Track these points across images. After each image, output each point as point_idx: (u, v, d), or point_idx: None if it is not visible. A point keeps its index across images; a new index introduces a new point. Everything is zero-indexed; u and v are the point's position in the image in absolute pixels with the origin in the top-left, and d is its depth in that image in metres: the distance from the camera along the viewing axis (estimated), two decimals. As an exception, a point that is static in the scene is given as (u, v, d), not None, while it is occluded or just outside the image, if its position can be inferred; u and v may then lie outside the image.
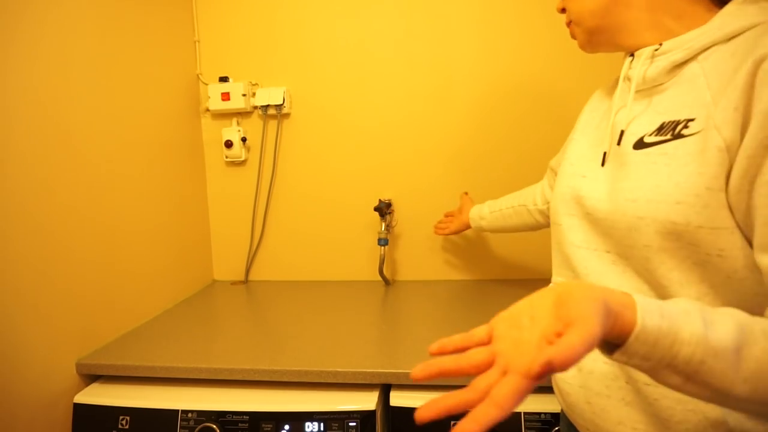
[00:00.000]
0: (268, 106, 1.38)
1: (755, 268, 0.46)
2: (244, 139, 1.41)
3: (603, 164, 0.58)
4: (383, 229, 1.33)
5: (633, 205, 0.51)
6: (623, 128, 0.56)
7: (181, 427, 0.84)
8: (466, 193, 1.25)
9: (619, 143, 0.56)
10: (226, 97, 1.37)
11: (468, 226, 1.18)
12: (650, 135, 0.52)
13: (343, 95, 1.38)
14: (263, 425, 0.82)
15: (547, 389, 0.82)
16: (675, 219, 0.48)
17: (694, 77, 0.51)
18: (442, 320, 1.08)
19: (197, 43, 1.41)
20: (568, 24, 0.65)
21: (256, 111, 1.41)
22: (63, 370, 0.90)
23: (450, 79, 1.34)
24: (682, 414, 0.50)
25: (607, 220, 0.55)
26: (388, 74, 1.36)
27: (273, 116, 1.41)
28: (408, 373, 0.85)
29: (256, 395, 0.86)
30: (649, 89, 0.56)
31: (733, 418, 0.48)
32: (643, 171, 0.52)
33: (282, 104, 1.37)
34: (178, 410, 0.85)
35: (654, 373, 0.40)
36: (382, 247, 1.33)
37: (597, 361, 0.57)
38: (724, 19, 0.50)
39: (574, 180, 0.62)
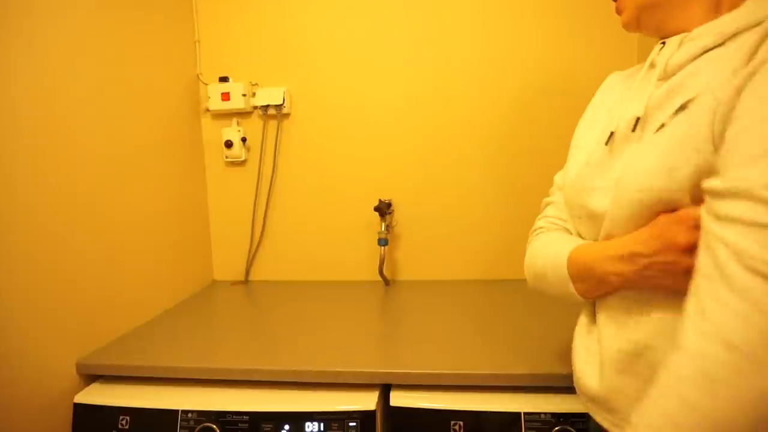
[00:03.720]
0: (268, 106, 1.38)
1: None
2: (244, 139, 1.41)
3: (607, 143, 0.59)
4: (383, 229, 1.33)
5: (634, 179, 0.53)
6: (639, 115, 0.56)
7: (181, 427, 0.84)
8: None
9: (634, 129, 0.56)
10: (226, 97, 1.37)
11: None
12: (669, 117, 0.53)
13: (343, 95, 1.38)
14: (263, 425, 0.82)
15: (548, 389, 0.82)
16: (671, 186, 0.49)
17: (717, 59, 0.51)
18: (442, 320, 1.08)
19: (197, 43, 1.41)
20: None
21: (256, 111, 1.41)
22: (63, 370, 0.90)
23: (450, 79, 1.34)
24: None
25: (613, 201, 0.55)
26: (389, 74, 1.36)
27: (273, 116, 1.41)
28: (408, 373, 0.85)
29: (256, 395, 0.86)
30: (673, 74, 0.56)
31: None
32: (650, 148, 0.53)
33: (282, 104, 1.37)
34: (178, 410, 0.85)
35: None
36: (382, 247, 1.33)
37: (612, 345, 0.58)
38: (752, 6, 0.50)
39: (579, 169, 0.62)
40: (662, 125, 0.53)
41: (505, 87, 1.32)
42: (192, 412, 0.84)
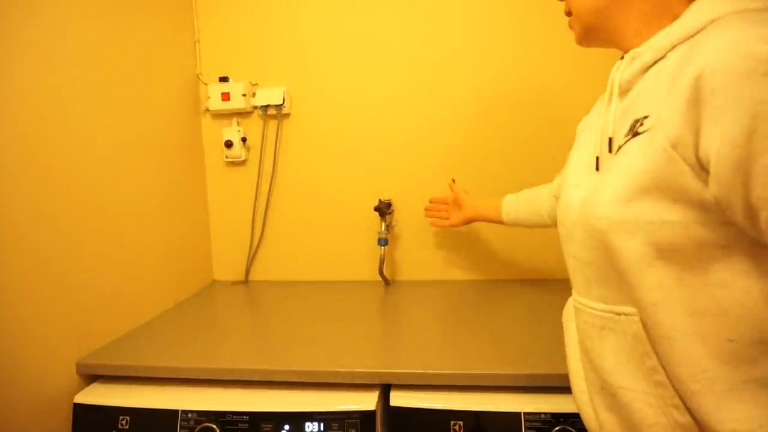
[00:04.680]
0: (268, 106, 1.38)
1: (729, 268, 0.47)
2: (244, 139, 1.41)
3: (597, 169, 0.59)
4: (383, 229, 1.33)
5: (594, 207, 0.52)
6: (610, 135, 0.56)
7: (181, 427, 0.84)
8: (454, 181, 1.24)
9: (610, 150, 0.56)
10: (226, 97, 1.37)
11: (469, 221, 1.19)
12: (623, 137, 0.53)
13: (343, 95, 1.38)
14: (263, 425, 0.82)
15: (548, 389, 0.82)
16: (627, 217, 0.49)
17: (659, 74, 0.51)
18: (442, 320, 1.08)
19: (197, 43, 1.41)
20: (567, 14, 0.66)
21: (256, 111, 1.41)
22: (63, 370, 0.90)
23: (450, 79, 1.34)
24: (654, 417, 0.50)
25: (580, 225, 0.56)
26: (389, 74, 1.36)
27: (273, 116, 1.41)
28: (408, 373, 0.85)
29: (256, 395, 0.86)
30: (627, 91, 0.56)
31: (703, 422, 0.48)
32: (609, 173, 0.52)
33: (282, 104, 1.37)
34: (178, 410, 0.85)
35: None
36: (382, 247, 1.33)
37: (585, 368, 0.59)
38: (686, 18, 0.50)
39: (569, 189, 0.62)
40: (619, 147, 0.53)
41: (505, 88, 1.32)
42: (192, 412, 0.84)
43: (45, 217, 0.87)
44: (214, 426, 0.83)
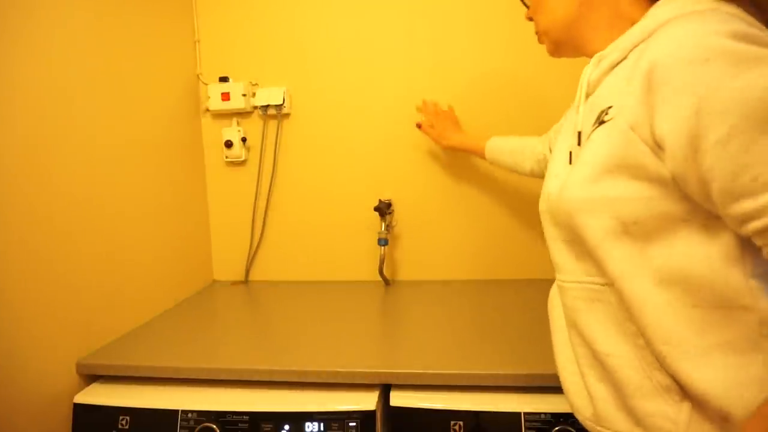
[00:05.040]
0: (268, 106, 1.38)
1: (680, 235, 0.52)
2: (244, 139, 1.41)
3: (571, 162, 0.63)
4: (383, 229, 1.33)
5: (564, 191, 0.58)
6: (579, 129, 0.61)
7: (181, 427, 0.84)
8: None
9: (579, 143, 0.61)
10: (226, 97, 1.37)
11: (455, 147, 1.25)
12: (591, 127, 0.58)
13: (343, 95, 1.38)
14: (263, 425, 0.82)
15: (548, 389, 0.82)
16: (593, 195, 0.54)
17: (620, 71, 0.56)
18: (442, 320, 1.08)
19: (197, 43, 1.41)
20: (537, 32, 0.73)
21: (256, 111, 1.41)
22: (63, 370, 0.90)
23: (450, 79, 1.34)
24: (639, 380, 0.54)
25: (557, 210, 0.60)
26: (389, 74, 1.36)
27: (273, 116, 1.41)
28: (408, 373, 0.85)
29: (256, 395, 0.86)
30: (594, 90, 0.61)
31: (681, 384, 0.52)
32: (578, 160, 0.58)
33: (282, 104, 1.37)
34: (178, 410, 0.85)
35: None
36: (382, 247, 1.33)
37: (575, 345, 0.62)
38: (644, 21, 0.55)
39: (549, 179, 0.66)
40: (587, 137, 0.58)
41: (505, 88, 1.32)
42: (192, 412, 0.84)
43: (45, 217, 0.87)
44: (214, 426, 0.83)
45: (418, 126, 1.31)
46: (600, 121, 0.55)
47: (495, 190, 1.35)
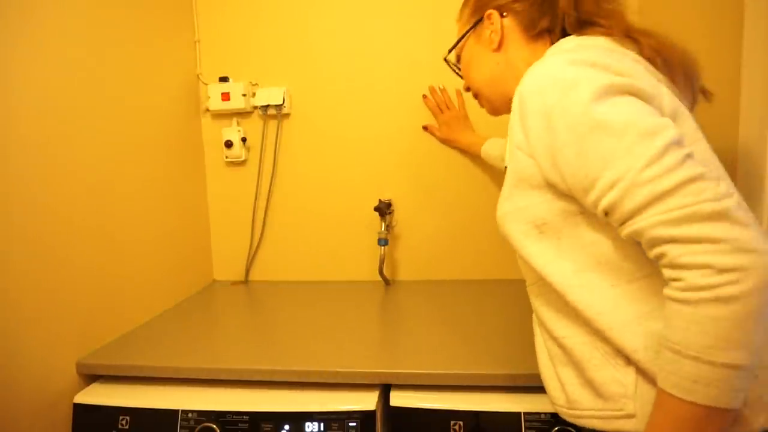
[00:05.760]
0: (268, 106, 1.38)
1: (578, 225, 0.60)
2: (244, 139, 1.41)
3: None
4: (383, 229, 1.33)
5: (498, 211, 0.69)
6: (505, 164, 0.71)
7: (181, 427, 0.84)
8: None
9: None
10: (226, 97, 1.37)
11: (456, 142, 1.32)
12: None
13: (343, 95, 1.38)
14: (263, 425, 0.82)
15: (547, 389, 0.82)
16: (509, 208, 0.65)
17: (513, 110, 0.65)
18: (442, 320, 1.08)
19: (197, 43, 1.41)
20: (475, 97, 0.85)
21: (256, 111, 1.41)
22: (63, 370, 0.90)
23: (450, 78, 1.34)
24: (590, 353, 0.60)
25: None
26: (389, 74, 1.36)
27: (273, 116, 1.41)
28: (408, 373, 0.85)
29: (256, 395, 0.86)
30: None
31: (618, 347, 0.58)
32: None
33: (282, 104, 1.37)
34: (178, 410, 0.85)
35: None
36: (382, 247, 1.33)
37: (545, 340, 0.68)
38: (536, 60, 0.64)
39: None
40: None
41: (505, 87, 1.32)
42: (192, 412, 0.84)
43: (45, 217, 0.87)
44: (214, 426, 0.83)
45: (425, 128, 1.34)
46: (511, 151, 0.65)
47: (495, 190, 1.35)
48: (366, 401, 0.83)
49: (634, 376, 0.58)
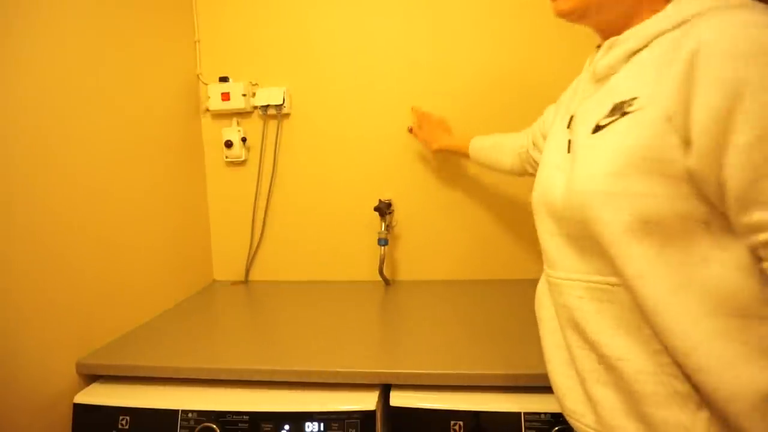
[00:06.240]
0: (268, 106, 1.38)
1: (699, 232, 0.49)
2: (244, 139, 1.41)
3: (569, 151, 0.61)
4: (383, 229, 1.33)
5: (579, 182, 0.55)
6: (573, 114, 0.61)
7: (181, 427, 0.84)
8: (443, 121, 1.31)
9: (569, 126, 0.60)
10: (226, 97, 1.37)
11: (443, 148, 1.26)
12: (604, 118, 0.55)
13: (343, 95, 1.38)
14: (263, 425, 0.82)
15: (548, 389, 0.82)
16: (614, 189, 0.51)
17: (644, 61, 0.54)
18: (442, 320, 1.08)
19: (197, 43, 1.41)
20: None
21: (256, 111, 1.41)
22: (63, 370, 0.90)
23: (450, 79, 1.34)
24: (653, 386, 0.51)
25: (567, 201, 0.57)
26: (389, 74, 1.36)
27: (273, 116, 1.41)
28: (408, 373, 0.85)
29: (256, 395, 0.86)
30: (606, 77, 0.59)
31: (703, 392, 0.49)
32: (591, 150, 0.55)
33: (282, 104, 1.37)
34: (178, 410, 0.85)
35: None
36: (382, 247, 1.33)
37: (573, 346, 0.59)
38: (675, 8, 0.53)
39: (550, 170, 0.65)
40: (597, 126, 0.55)
41: (505, 88, 1.32)
42: (192, 412, 0.84)
43: (45, 217, 0.87)
44: (214, 426, 0.83)
45: (410, 130, 1.34)
46: (622, 113, 0.53)
47: (495, 190, 1.35)
48: (366, 401, 0.83)
49: (705, 423, 0.49)
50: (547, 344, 0.65)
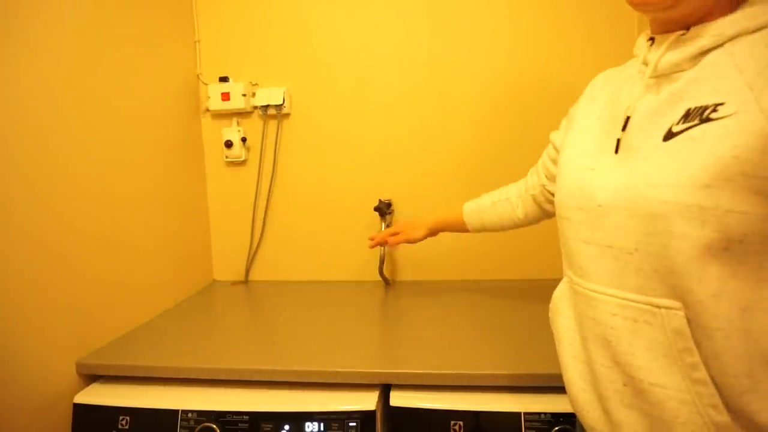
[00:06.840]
0: (268, 106, 1.38)
1: None
2: (244, 139, 1.41)
3: (617, 151, 0.56)
4: (383, 229, 1.33)
5: (655, 190, 0.49)
6: (629, 114, 0.55)
7: (181, 427, 0.84)
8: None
9: (624, 129, 0.55)
10: (226, 97, 1.37)
11: (434, 231, 1.12)
12: (677, 124, 0.50)
13: (343, 95, 1.38)
14: (263, 425, 0.82)
15: (548, 389, 0.82)
16: (703, 203, 0.46)
17: (721, 63, 0.49)
18: (442, 320, 1.08)
19: (197, 43, 1.41)
20: None
21: (256, 111, 1.41)
22: (63, 370, 0.90)
23: (450, 79, 1.34)
24: (688, 415, 0.49)
25: (625, 210, 0.52)
26: (389, 74, 1.36)
27: (273, 116, 1.41)
28: (408, 373, 0.85)
29: (256, 395, 0.86)
30: (667, 75, 0.54)
31: (741, 423, 0.47)
32: (667, 157, 0.50)
33: (282, 104, 1.37)
34: (178, 410, 0.85)
35: None
36: (382, 247, 1.33)
37: (597, 363, 0.57)
38: (757, 9, 0.49)
39: (581, 173, 0.59)
40: (671, 132, 0.50)
41: (505, 87, 1.32)
42: (192, 412, 0.84)
43: (45, 217, 0.87)
44: (214, 426, 0.83)
45: (385, 243, 1.19)
46: (702, 118, 0.48)
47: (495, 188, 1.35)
48: (366, 401, 0.83)
49: None
50: (565, 355, 0.62)
